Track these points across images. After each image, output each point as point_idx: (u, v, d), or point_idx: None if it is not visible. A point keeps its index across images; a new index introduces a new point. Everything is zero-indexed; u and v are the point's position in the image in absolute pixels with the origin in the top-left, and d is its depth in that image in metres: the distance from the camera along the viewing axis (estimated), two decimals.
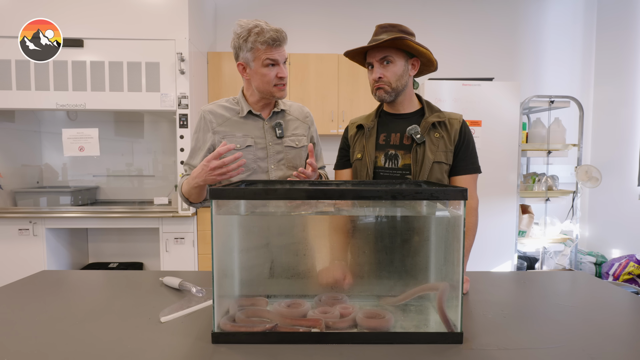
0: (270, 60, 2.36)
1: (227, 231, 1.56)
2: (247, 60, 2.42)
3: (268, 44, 2.32)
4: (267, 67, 2.38)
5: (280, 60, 2.38)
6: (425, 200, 1.58)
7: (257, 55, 2.36)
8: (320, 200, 1.56)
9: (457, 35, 6.51)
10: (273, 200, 1.55)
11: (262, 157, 2.50)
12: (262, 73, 2.40)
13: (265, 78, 2.40)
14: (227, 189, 1.41)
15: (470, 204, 2.26)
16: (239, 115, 2.52)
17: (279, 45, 2.35)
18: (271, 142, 2.52)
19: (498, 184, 5.09)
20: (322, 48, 6.38)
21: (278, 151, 2.53)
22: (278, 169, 2.52)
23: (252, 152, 2.48)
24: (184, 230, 5.10)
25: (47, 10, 4.80)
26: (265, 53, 2.34)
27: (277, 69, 2.39)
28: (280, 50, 2.37)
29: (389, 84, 2.28)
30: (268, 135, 2.53)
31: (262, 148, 2.50)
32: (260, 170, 2.49)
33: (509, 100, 5.06)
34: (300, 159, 2.62)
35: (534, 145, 5.37)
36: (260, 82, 2.44)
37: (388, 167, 2.30)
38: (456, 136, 2.29)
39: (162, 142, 5.80)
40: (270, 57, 2.34)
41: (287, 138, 2.57)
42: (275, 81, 2.41)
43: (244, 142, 2.48)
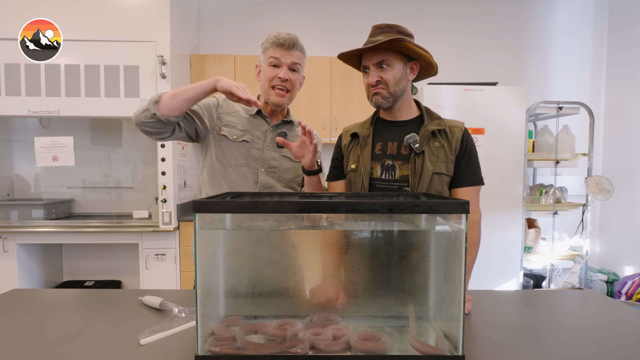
0: (274, 59, 2.51)
1: (212, 247, 1.55)
2: (261, 62, 2.63)
3: (276, 44, 2.50)
4: (270, 67, 2.54)
5: (284, 62, 2.52)
6: (424, 213, 1.57)
7: (266, 55, 2.56)
8: (311, 214, 1.57)
9: (458, 37, 6.53)
10: (261, 214, 1.55)
11: (256, 157, 2.59)
12: (265, 71, 2.57)
13: (266, 76, 2.56)
14: (212, 202, 1.41)
15: (472, 217, 2.26)
16: (248, 112, 2.66)
17: (286, 47, 2.51)
18: (269, 147, 2.62)
19: (502, 196, 5.10)
20: (313, 50, 6.37)
21: (273, 158, 2.61)
22: (267, 175, 2.59)
23: (247, 149, 2.58)
24: (165, 245, 5.09)
25: (20, 10, 4.81)
26: (271, 52, 2.53)
27: (279, 71, 2.52)
28: (288, 53, 2.52)
29: (387, 88, 2.27)
30: (268, 138, 2.63)
31: (259, 149, 2.60)
32: (249, 169, 2.58)
33: (514, 106, 5.07)
34: (293, 173, 2.69)
35: (540, 155, 5.38)
36: (262, 82, 2.60)
37: (384, 178, 2.30)
38: (457, 145, 2.29)
39: (142, 151, 5.79)
40: (274, 55, 2.51)
41: (286, 149, 2.63)
42: (275, 82, 2.54)
43: (241, 135, 2.60)
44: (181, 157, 5.24)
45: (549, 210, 5.38)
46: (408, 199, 1.89)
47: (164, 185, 4.97)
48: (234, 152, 2.57)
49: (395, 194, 2.09)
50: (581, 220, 5.57)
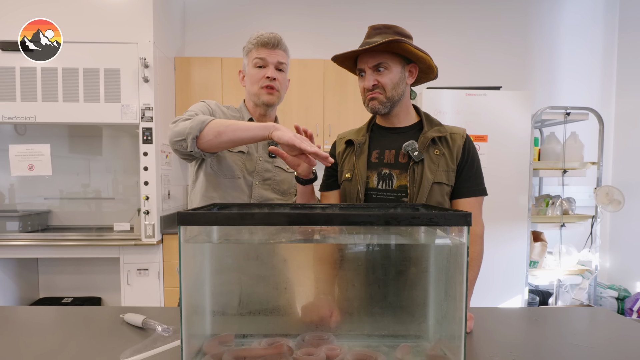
0: (259, 60, 2.51)
1: (198, 261, 1.55)
2: (244, 66, 2.63)
3: (259, 43, 2.50)
4: (256, 68, 2.54)
5: (270, 61, 2.52)
6: (424, 226, 1.57)
7: (250, 57, 2.55)
8: (303, 227, 1.57)
9: (459, 39, 6.55)
10: (250, 227, 1.55)
11: (250, 169, 2.58)
12: (251, 74, 2.56)
13: (253, 78, 2.55)
14: (197, 214, 1.40)
15: (474, 230, 2.27)
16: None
17: (270, 46, 2.51)
18: (262, 158, 2.61)
19: (506, 207, 5.11)
20: (305, 52, 6.41)
21: (266, 169, 2.61)
22: (262, 188, 2.59)
23: (242, 160, 2.57)
24: (148, 260, 5.08)
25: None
26: (255, 53, 2.52)
27: (266, 71, 2.52)
28: (272, 52, 2.52)
29: (384, 93, 2.27)
30: (260, 149, 2.62)
31: (251, 160, 2.59)
32: (244, 181, 2.56)
33: (518, 112, 5.09)
34: (288, 184, 2.69)
35: (547, 164, 5.40)
36: (249, 84, 2.59)
37: (381, 188, 2.31)
38: (459, 153, 2.30)
39: (123, 160, 5.79)
40: (259, 56, 2.51)
41: (279, 159, 2.65)
42: (263, 82, 2.52)
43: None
44: (165, 166, 5.24)
45: (555, 222, 5.39)
46: (406, 210, 1.89)
47: (147, 196, 4.96)
48: (230, 163, 2.54)
49: (392, 205, 2.09)
50: (590, 233, 5.58)
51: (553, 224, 5.40)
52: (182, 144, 2.21)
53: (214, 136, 2.17)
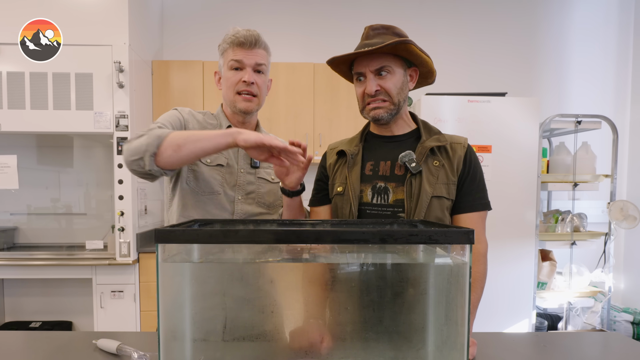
0: (235, 62, 2.45)
1: (177, 282, 1.54)
2: (220, 68, 2.56)
3: (235, 43, 2.43)
4: (232, 71, 2.47)
5: (247, 63, 2.45)
6: (422, 244, 1.57)
7: (226, 57, 2.49)
8: (291, 245, 1.57)
9: (460, 40, 6.56)
10: (233, 245, 1.54)
11: (231, 183, 2.54)
12: (226, 77, 2.50)
13: (228, 82, 2.49)
14: (177, 230, 1.40)
15: (477, 248, 2.27)
16: (216, 129, 2.51)
17: (247, 46, 2.43)
18: (243, 170, 2.57)
19: (512, 223, 5.12)
20: (294, 55, 6.41)
21: (249, 182, 2.58)
22: (245, 203, 2.56)
23: (222, 174, 2.53)
24: (123, 281, 5.06)
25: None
26: (231, 54, 2.46)
27: (243, 74, 2.46)
28: (250, 53, 2.45)
29: (390, 99, 2.28)
30: (241, 160, 2.59)
31: (232, 173, 2.55)
32: (225, 197, 2.52)
33: (525, 120, 5.10)
34: (274, 196, 2.66)
35: (556, 176, 5.41)
36: (225, 88, 2.53)
37: (376, 203, 2.31)
38: (460, 165, 2.30)
39: (96, 172, 5.78)
40: (235, 57, 2.44)
41: (262, 169, 2.63)
42: (239, 87, 2.47)
43: (215, 158, 2.53)
44: (141, 180, 5.22)
45: (565, 240, 5.39)
46: (403, 227, 1.89)
47: (122, 212, 4.95)
48: (209, 179, 2.50)
49: (388, 221, 2.09)
50: (603, 252, 5.58)
51: (563, 242, 5.40)
52: (140, 163, 2.14)
53: (173, 151, 2.11)
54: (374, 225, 1.93)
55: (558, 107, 6.52)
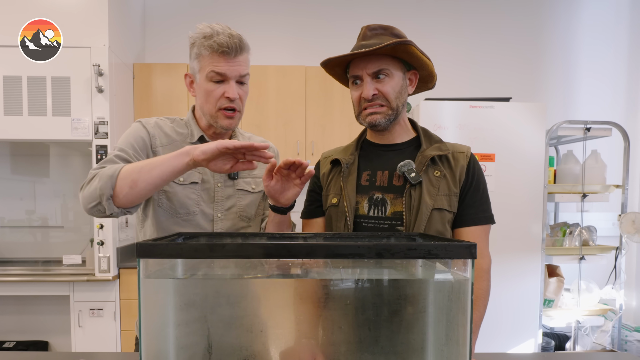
0: (216, 74, 2.30)
1: (160, 300, 1.54)
2: (193, 71, 2.41)
3: (214, 49, 2.27)
4: (211, 83, 2.33)
5: (231, 76, 2.32)
6: (422, 259, 1.58)
7: (203, 64, 2.33)
8: (282, 259, 1.56)
9: (461, 42, 6.57)
10: (220, 260, 1.54)
11: (207, 200, 2.45)
12: (205, 89, 2.36)
13: (209, 97, 2.36)
14: (160, 245, 1.40)
15: (480, 264, 2.27)
16: (188, 140, 2.47)
17: (230, 54, 2.28)
18: (220, 183, 2.48)
19: (517, 237, 5.11)
20: (284, 58, 6.41)
21: (228, 195, 2.50)
22: (226, 219, 2.49)
23: (196, 192, 2.43)
24: (103, 298, 5.04)
25: None
26: (211, 63, 2.30)
27: (226, 87, 2.33)
28: (233, 63, 2.31)
29: (388, 104, 2.27)
30: (216, 174, 2.49)
31: (208, 189, 2.46)
32: (203, 216, 2.44)
33: (531, 127, 5.10)
34: (255, 207, 2.59)
35: (564, 187, 5.41)
36: (203, 101, 2.40)
37: (373, 215, 2.31)
38: (462, 175, 2.30)
39: (74, 182, 5.77)
40: (216, 69, 2.29)
41: (241, 180, 2.54)
42: (222, 103, 2.35)
43: (188, 176, 2.42)
44: None
45: (574, 254, 5.39)
46: (401, 240, 1.89)
47: (101, 225, 4.94)
48: (183, 199, 2.41)
49: (385, 235, 2.07)
50: (614, 267, 5.58)
51: (571, 257, 5.39)
52: (98, 208, 2.09)
53: (129, 188, 2.05)
54: (370, 238, 1.94)
55: (565, 113, 6.53)
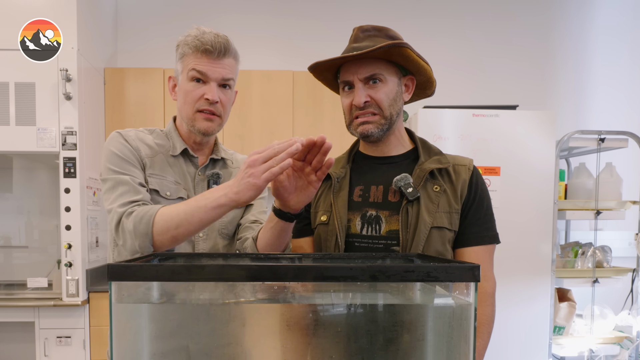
0: (197, 73, 2.31)
1: (134, 327, 1.54)
2: (176, 73, 2.44)
3: (197, 48, 2.29)
4: (192, 82, 2.34)
5: (212, 77, 2.33)
6: (420, 282, 1.58)
7: (185, 64, 2.35)
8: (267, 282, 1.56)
9: (463, 45, 6.57)
10: (200, 283, 1.54)
11: None
12: (185, 89, 2.37)
13: (188, 96, 2.36)
14: (133, 266, 1.40)
15: (484, 287, 2.27)
16: (170, 153, 2.47)
17: (213, 54, 2.30)
18: None
19: (524, 258, 5.11)
20: (269, 62, 6.40)
21: None
22: (208, 238, 2.48)
23: None
24: (71, 325, 5.02)
25: None
26: (193, 61, 2.32)
27: (206, 89, 2.34)
28: (216, 64, 2.32)
29: (380, 112, 2.25)
30: (198, 189, 2.49)
31: None
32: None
33: (539, 137, 5.10)
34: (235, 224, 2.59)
35: (576, 203, 5.40)
36: (182, 101, 2.41)
37: (366, 234, 2.30)
38: (464, 190, 2.30)
39: (40, 198, 5.76)
40: (197, 67, 2.31)
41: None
42: (200, 104, 2.35)
43: (176, 191, 2.42)
44: (92, 207, 5.21)
45: (586, 277, 5.38)
46: (397, 262, 1.90)
47: (69, 244, 4.92)
48: None
49: (380, 256, 2.09)
50: (630, 291, 5.58)
51: (583, 280, 5.38)
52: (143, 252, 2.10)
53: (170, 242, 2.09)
54: (363, 260, 1.94)
55: (577, 122, 6.51)
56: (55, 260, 5.43)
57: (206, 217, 1.99)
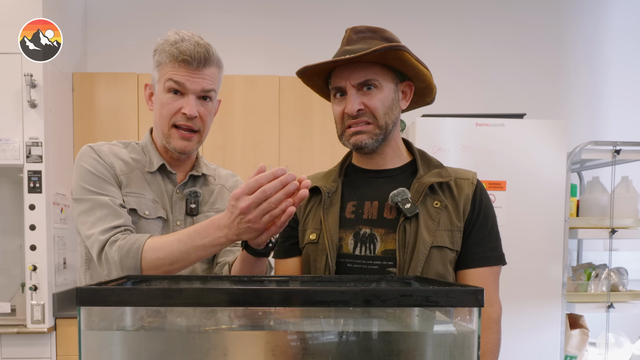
0: (174, 84, 2.28)
1: (105, 356, 1.53)
2: (153, 81, 2.41)
3: (175, 57, 2.25)
4: (168, 93, 2.31)
5: (191, 89, 2.30)
6: (418, 307, 1.57)
7: (162, 73, 2.32)
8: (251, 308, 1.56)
9: (466, 48, 6.58)
10: (177, 308, 1.53)
11: None
12: (161, 101, 2.35)
13: (163, 109, 2.34)
14: (104, 290, 1.39)
15: (488, 313, 2.27)
16: (146, 169, 2.45)
17: (191, 64, 2.26)
18: (179, 222, 2.46)
19: (532, 281, 5.10)
20: (254, 66, 6.40)
21: None
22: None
23: (160, 229, 2.42)
24: (37, 354, 5.01)
25: None
26: (170, 71, 2.28)
27: (184, 102, 2.30)
28: (196, 75, 2.29)
29: (375, 121, 2.23)
30: (176, 209, 2.47)
31: (167, 228, 2.44)
32: None
33: (549, 149, 5.09)
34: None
35: (589, 221, 5.39)
36: (157, 115, 2.39)
37: (360, 254, 2.30)
38: (467, 206, 2.30)
39: (1, 215, 5.74)
40: (174, 77, 2.27)
41: (202, 215, 2.50)
42: (177, 119, 2.33)
43: (154, 210, 2.41)
44: (59, 225, 5.20)
45: (601, 302, 5.36)
46: (394, 285, 1.90)
47: (34, 266, 4.90)
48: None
49: (375, 278, 2.08)
50: None
51: (597, 305, 5.37)
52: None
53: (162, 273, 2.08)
54: (356, 282, 1.94)
55: (591, 133, 6.49)
56: (19, 284, 5.41)
57: (204, 255, 2.03)
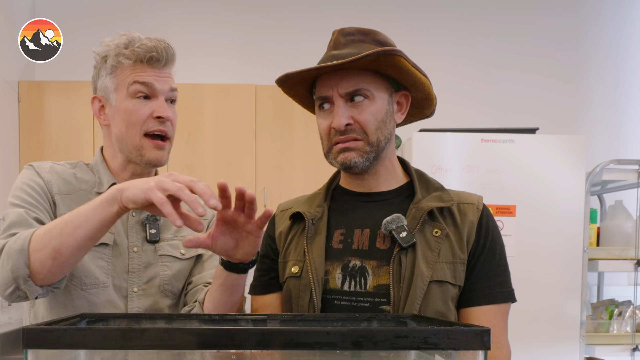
0: (142, 86, 2.27)
1: None
2: (106, 91, 2.34)
3: (139, 57, 2.25)
4: (135, 99, 2.29)
5: (160, 89, 2.31)
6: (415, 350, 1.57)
7: (121, 77, 2.29)
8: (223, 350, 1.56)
9: (471, 53, 6.59)
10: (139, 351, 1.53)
11: (120, 269, 2.37)
12: (127, 108, 2.31)
13: (132, 117, 2.30)
14: (55, 330, 1.38)
15: (496, 357, 2.25)
16: (94, 189, 2.41)
17: (159, 62, 2.28)
18: (136, 247, 2.43)
19: (546, 320, 5.09)
20: (227, 74, 6.41)
21: (147, 264, 2.43)
22: (145, 295, 2.42)
23: (106, 256, 2.36)
24: None
25: None
26: (133, 73, 2.27)
27: (154, 105, 2.30)
28: (162, 74, 2.31)
29: (365, 137, 2.19)
30: (132, 234, 2.44)
31: (121, 255, 2.39)
32: (114, 290, 2.36)
33: (566, 168, 5.09)
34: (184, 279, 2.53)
35: (610, 251, 5.38)
36: (123, 127, 2.34)
37: (348, 290, 2.28)
38: (471, 235, 2.28)
39: None
40: (141, 79, 2.26)
41: (165, 243, 2.49)
42: (150, 125, 2.31)
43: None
44: None
45: (624, 344, 5.36)
46: (387, 325, 1.90)
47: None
48: (89, 266, 2.30)
49: (366, 317, 2.08)
50: None
51: (621, 347, 5.36)
52: (18, 293, 2.02)
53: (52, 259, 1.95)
54: (344, 322, 1.94)
55: (613, 150, 6.49)
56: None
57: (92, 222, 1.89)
